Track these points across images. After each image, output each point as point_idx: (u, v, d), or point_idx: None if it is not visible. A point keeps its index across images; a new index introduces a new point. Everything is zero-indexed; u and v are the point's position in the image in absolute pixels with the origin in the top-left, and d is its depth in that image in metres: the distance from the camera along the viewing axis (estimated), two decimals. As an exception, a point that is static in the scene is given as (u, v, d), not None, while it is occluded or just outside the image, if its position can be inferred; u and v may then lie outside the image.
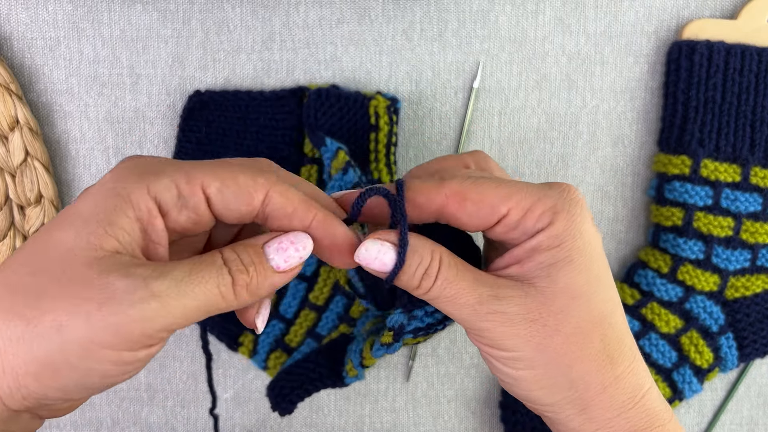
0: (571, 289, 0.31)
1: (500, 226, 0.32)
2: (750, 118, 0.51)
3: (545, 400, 0.32)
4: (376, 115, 0.50)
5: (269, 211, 0.30)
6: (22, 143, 0.50)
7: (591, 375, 0.31)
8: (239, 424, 0.55)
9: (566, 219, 0.31)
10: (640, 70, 0.54)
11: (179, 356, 0.55)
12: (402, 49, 0.53)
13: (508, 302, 0.31)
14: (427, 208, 0.32)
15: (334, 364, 0.47)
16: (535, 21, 0.53)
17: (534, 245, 0.31)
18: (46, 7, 0.52)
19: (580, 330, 0.31)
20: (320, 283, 0.52)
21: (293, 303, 0.52)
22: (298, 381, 0.47)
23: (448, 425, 0.56)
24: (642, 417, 0.32)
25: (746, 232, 0.51)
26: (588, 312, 0.31)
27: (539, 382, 0.32)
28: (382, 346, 0.37)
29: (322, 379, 0.46)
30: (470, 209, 0.31)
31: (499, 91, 0.53)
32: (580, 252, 0.31)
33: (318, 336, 0.51)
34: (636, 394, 0.32)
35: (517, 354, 0.31)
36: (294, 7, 0.52)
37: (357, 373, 0.43)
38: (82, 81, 0.52)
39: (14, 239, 0.52)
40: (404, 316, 0.35)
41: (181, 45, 0.52)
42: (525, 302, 0.31)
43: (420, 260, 0.31)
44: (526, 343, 0.31)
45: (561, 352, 0.31)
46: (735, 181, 0.51)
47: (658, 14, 0.53)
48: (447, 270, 0.31)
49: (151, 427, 0.55)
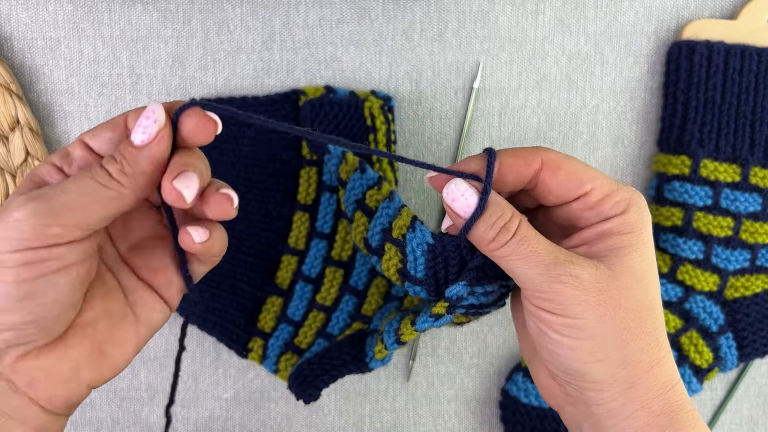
0: (635, 272, 0.33)
1: (579, 202, 0.34)
2: (750, 118, 0.51)
3: (596, 374, 0.33)
4: (372, 116, 0.50)
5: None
6: (23, 143, 0.50)
7: (642, 353, 0.33)
8: (239, 424, 0.55)
9: (638, 212, 0.34)
10: (640, 70, 0.54)
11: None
12: (402, 49, 0.53)
13: (581, 268, 0.32)
14: (525, 170, 0.34)
15: (356, 352, 0.46)
16: (535, 21, 0.53)
17: (606, 229, 0.34)
18: (47, 7, 0.52)
19: (638, 309, 0.33)
20: (326, 284, 0.51)
21: (300, 306, 0.52)
22: (322, 368, 0.47)
23: (448, 425, 0.56)
24: (677, 400, 0.34)
25: (746, 232, 0.51)
26: (646, 295, 0.33)
27: (596, 354, 0.33)
28: (430, 317, 0.37)
29: (346, 364, 0.46)
30: (561, 178, 0.34)
31: (499, 91, 0.53)
32: (645, 243, 0.34)
33: (329, 336, 0.51)
34: (673, 378, 0.34)
35: (580, 321, 0.32)
36: (294, 7, 0.52)
37: (386, 354, 0.43)
38: (82, 81, 0.52)
39: (14, 239, 0.52)
40: (467, 288, 0.36)
41: (181, 45, 0.52)
42: (596, 273, 0.32)
43: (501, 213, 0.33)
44: (592, 311, 0.32)
45: (621, 326, 0.33)
46: (735, 181, 0.51)
47: (658, 14, 0.53)
48: (526, 229, 0.33)
49: (151, 427, 0.55)
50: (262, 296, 0.52)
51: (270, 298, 0.52)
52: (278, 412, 0.55)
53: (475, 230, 0.34)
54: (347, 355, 0.46)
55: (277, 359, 0.51)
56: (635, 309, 0.33)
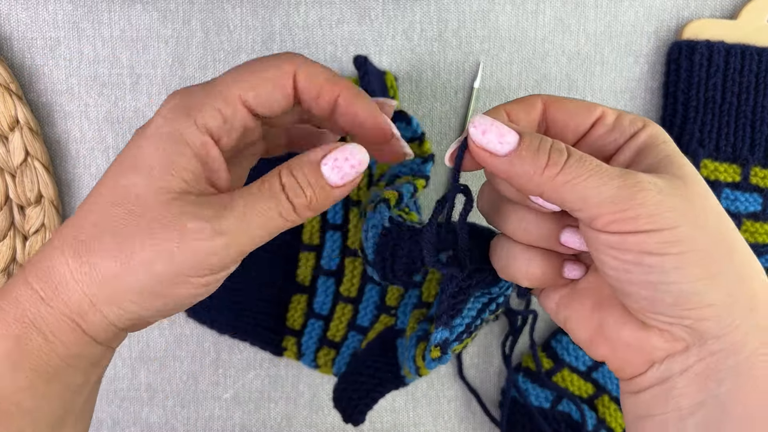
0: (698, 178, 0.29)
1: (599, 126, 0.31)
2: (750, 118, 0.51)
3: (713, 294, 0.27)
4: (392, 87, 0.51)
5: (303, 97, 0.33)
6: (22, 143, 0.50)
7: (751, 267, 0.28)
8: (239, 424, 0.55)
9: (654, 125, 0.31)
10: (640, 70, 0.54)
11: (179, 356, 0.55)
12: (402, 49, 0.53)
13: (653, 178, 0.28)
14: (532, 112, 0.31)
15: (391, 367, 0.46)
16: (535, 21, 0.53)
17: (641, 143, 0.30)
18: (46, 7, 0.52)
19: (722, 216, 0.28)
20: (348, 275, 0.52)
21: (326, 300, 0.52)
22: (363, 390, 0.47)
23: (448, 425, 0.56)
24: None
25: (746, 232, 0.51)
26: (718, 203, 0.29)
27: (708, 268, 0.27)
28: (433, 361, 0.36)
29: (384, 384, 0.46)
30: (569, 107, 0.31)
31: (499, 91, 0.53)
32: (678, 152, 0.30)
33: (360, 328, 0.51)
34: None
35: (678, 231, 0.27)
36: (294, 7, 0.52)
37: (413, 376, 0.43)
38: (82, 81, 0.52)
39: (14, 239, 0.52)
40: (446, 331, 0.35)
41: (181, 45, 0.52)
42: (669, 181, 0.28)
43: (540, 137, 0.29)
44: (686, 217, 0.27)
45: (719, 234, 0.28)
46: (735, 181, 0.51)
47: (658, 14, 0.53)
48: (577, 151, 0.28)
49: (151, 427, 0.55)
50: (287, 296, 0.53)
51: (295, 297, 0.53)
52: (278, 412, 0.55)
53: (519, 164, 0.28)
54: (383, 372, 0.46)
55: (314, 356, 0.52)
56: (720, 216, 0.28)
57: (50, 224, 0.51)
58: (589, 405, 0.52)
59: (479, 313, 0.37)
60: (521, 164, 0.28)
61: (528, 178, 0.28)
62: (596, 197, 0.27)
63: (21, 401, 0.30)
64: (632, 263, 0.28)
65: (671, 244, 0.27)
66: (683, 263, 0.27)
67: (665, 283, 0.27)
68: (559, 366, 0.52)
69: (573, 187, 0.28)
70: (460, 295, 0.35)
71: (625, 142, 0.31)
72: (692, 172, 0.29)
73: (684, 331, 0.28)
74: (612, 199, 0.27)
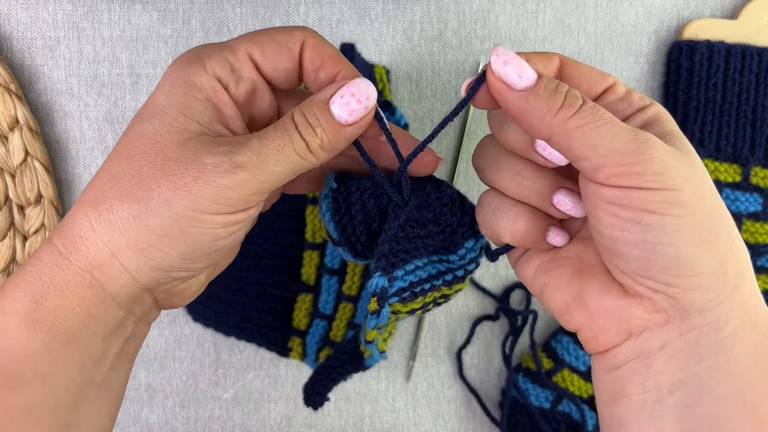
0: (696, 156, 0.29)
1: (609, 94, 0.31)
2: (750, 118, 0.51)
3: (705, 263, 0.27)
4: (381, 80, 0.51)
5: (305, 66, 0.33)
6: (22, 143, 0.50)
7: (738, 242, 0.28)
8: (239, 425, 0.55)
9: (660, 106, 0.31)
10: (640, 70, 0.54)
11: (179, 356, 0.55)
12: (402, 49, 0.53)
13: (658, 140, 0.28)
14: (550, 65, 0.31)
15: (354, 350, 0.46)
16: (535, 21, 0.53)
17: (649, 117, 0.30)
18: (46, 7, 0.52)
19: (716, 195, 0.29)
20: (350, 273, 0.52)
21: (330, 299, 0.52)
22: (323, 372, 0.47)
23: (448, 425, 0.56)
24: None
25: (746, 232, 0.51)
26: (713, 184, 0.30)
27: (703, 235, 0.27)
28: (371, 315, 0.35)
29: (344, 365, 0.46)
30: (584, 70, 0.31)
31: (499, 91, 0.53)
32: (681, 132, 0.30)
33: (357, 326, 0.52)
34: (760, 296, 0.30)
35: (680, 194, 0.27)
36: (294, 7, 0.52)
37: (370, 352, 0.42)
38: (82, 81, 0.52)
39: (14, 239, 0.52)
40: (383, 278, 0.33)
41: (181, 45, 0.52)
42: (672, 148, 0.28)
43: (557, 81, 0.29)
44: (688, 182, 0.27)
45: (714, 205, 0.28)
46: (735, 181, 0.51)
47: (658, 14, 0.53)
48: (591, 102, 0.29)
49: (151, 427, 0.55)
50: (292, 296, 0.53)
51: (300, 296, 0.53)
52: (278, 412, 0.55)
53: (534, 101, 0.28)
54: (345, 354, 0.46)
55: (316, 356, 0.52)
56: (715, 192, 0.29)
57: (50, 224, 0.51)
58: (589, 405, 0.52)
59: (430, 278, 0.35)
60: (536, 101, 0.28)
61: (540, 118, 0.28)
62: (605, 146, 0.27)
63: (37, 365, 0.30)
64: (630, 221, 0.27)
65: (673, 205, 0.27)
66: (682, 226, 0.27)
67: (662, 244, 0.27)
68: (559, 366, 0.52)
69: (584, 132, 0.27)
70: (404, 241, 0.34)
71: (632, 114, 0.31)
72: (693, 150, 0.29)
73: (667, 301, 0.28)
74: (621, 150, 0.27)
